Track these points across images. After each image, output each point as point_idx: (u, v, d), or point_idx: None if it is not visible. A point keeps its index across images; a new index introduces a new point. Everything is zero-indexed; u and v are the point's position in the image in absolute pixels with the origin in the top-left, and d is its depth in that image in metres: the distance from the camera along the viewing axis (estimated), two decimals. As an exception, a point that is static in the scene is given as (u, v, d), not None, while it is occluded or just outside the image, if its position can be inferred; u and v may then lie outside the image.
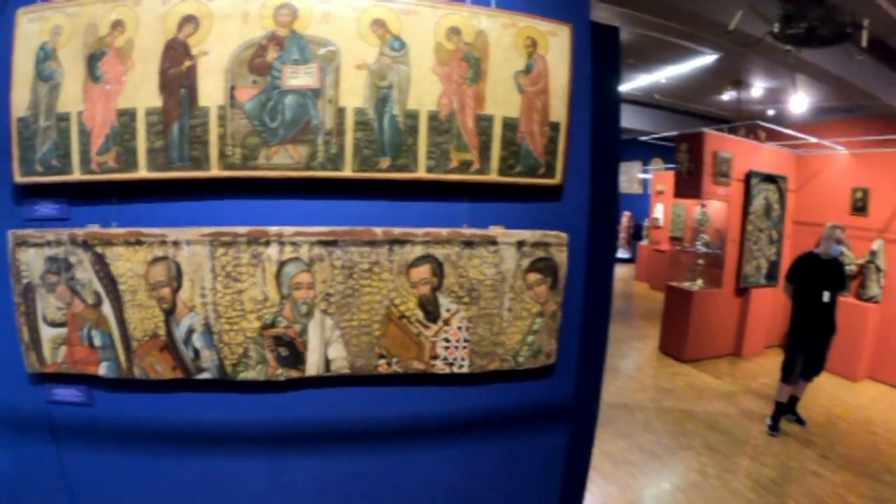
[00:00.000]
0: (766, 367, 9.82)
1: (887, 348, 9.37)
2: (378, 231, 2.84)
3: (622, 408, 7.35)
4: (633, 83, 12.96)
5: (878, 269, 9.44)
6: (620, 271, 20.28)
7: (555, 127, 3.05)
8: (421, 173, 2.86)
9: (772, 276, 10.71)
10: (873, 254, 9.47)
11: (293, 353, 2.83)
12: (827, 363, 7.10)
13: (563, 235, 3.14)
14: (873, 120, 11.41)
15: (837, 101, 13.23)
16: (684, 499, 5.28)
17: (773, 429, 6.96)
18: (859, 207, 10.02)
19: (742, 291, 10.29)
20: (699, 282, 10.11)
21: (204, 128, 2.63)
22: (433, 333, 3.00)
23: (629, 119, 16.59)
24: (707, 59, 10.00)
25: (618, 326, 11.95)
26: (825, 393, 8.46)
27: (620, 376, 8.83)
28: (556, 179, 3.11)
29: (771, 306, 10.75)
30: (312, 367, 2.87)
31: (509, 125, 2.95)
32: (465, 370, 3.08)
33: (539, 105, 3.00)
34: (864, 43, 5.63)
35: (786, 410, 7.22)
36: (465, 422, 3.24)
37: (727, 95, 14.06)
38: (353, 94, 2.73)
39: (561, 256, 3.14)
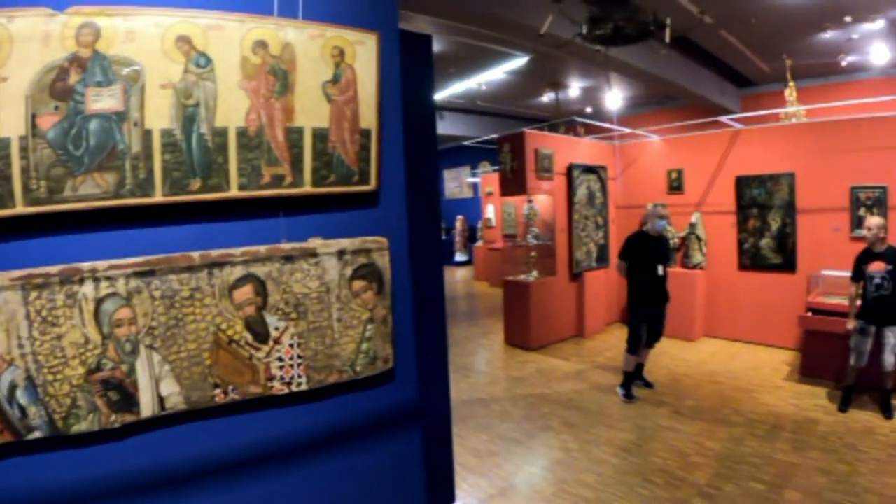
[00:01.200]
0: (609, 343, 10.26)
1: (716, 307, 10.24)
2: (195, 255, 2.59)
3: (478, 402, 7.32)
4: (455, 91, 13.06)
5: (699, 239, 10.19)
6: (460, 273, 20.79)
7: (366, 134, 2.93)
8: (234, 192, 2.64)
9: (602, 259, 11.20)
10: (693, 226, 10.26)
11: (124, 395, 2.51)
12: (665, 329, 7.47)
13: (383, 240, 3.03)
14: (684, 108, 12.86)
15: (650, 94, 14.07)
16: (552, 476, 5.31)
17: (627, 396, 7.21)
18: (675, 186, 10.87)
19: (576, 276, 10.66)
20: (534, 273, 10.29)
21: (6, 161, 2.27)
22: (265, 354, 2.78)
23: (455, 126, 16.92)
24: (523, 61, 10.23)
25: (463, 326, 12.11)
26: (668, 356, 8.86)
27: (472, 373, 8.83)
28: (371, 185, 2.99)
29: (605, 286, 11.24)
30: (146, 407, 2.57)
31: (320, 135, 2.80)
32: (304, 387, 2.88)
33: (349, 113, 2.87)
34: (668, 39, 5.85)
35: (633, 378, 7.48)
36: (315, 440, 3.02)
37: (547, 97, 14.51)
38: (160, 115, 2.47)
39: (383, 261, 3.02)
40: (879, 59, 11.17)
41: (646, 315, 7.21)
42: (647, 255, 7.15)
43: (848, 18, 9.61)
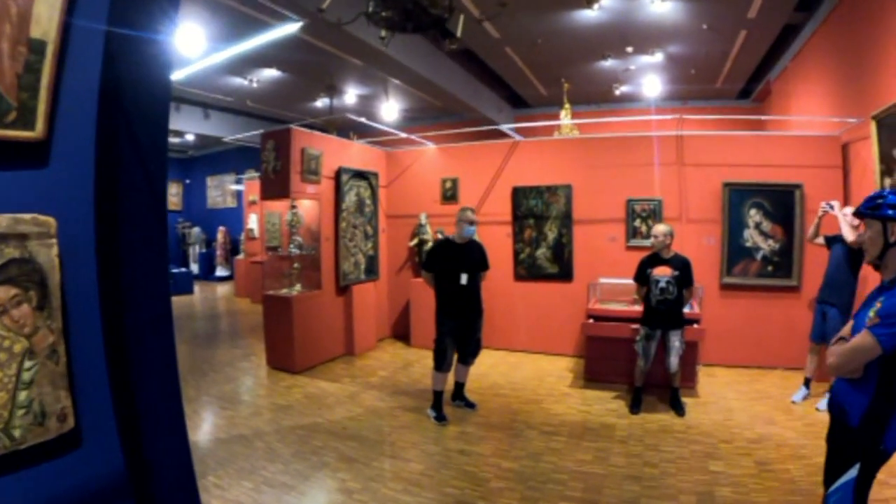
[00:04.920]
0: (382, 360, 9.47)
1: (493, 318, 9.52)
2: None
3: (239, 440, 5.97)
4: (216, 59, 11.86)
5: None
6: (221, 290, 19.41)
7: (37, 48, 1.62)
8: None
9: (372, 271, 10.44)
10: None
11: None
12: (482, 343, 6.93)
13: (48, 220, 1.69)
14: (459, 124, 13.45)
15: (426, 108, 14.47)
16: (337, 526, 4.23)
17: (438, 419, 6.46)
18: (450, 196, 10.56)
19: (344, 290, 9.71)
20: (298, 286, 9.14)
21: None
22: None
23: (222, 127, 16.28)
24: (295, 27, 9.12)
25: (223, 348, 10.68)
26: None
27: (231, 404, 7.37)
28: (37, 132, 1.66)
29: (375, 300, 10.55)
30: None
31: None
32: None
33: (14, 13, 1.57)
34: (459, 32, 5.64)
35: (455, 398, 7.02)
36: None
37: (321, 102, 14.16)
38: None
39: (48, 255, 1.68)
40: (651, 90, 11.93)
41: (451, 328, 6.49)
42: (450, 265, 6.49)
43: (629, 49, 10.26)
